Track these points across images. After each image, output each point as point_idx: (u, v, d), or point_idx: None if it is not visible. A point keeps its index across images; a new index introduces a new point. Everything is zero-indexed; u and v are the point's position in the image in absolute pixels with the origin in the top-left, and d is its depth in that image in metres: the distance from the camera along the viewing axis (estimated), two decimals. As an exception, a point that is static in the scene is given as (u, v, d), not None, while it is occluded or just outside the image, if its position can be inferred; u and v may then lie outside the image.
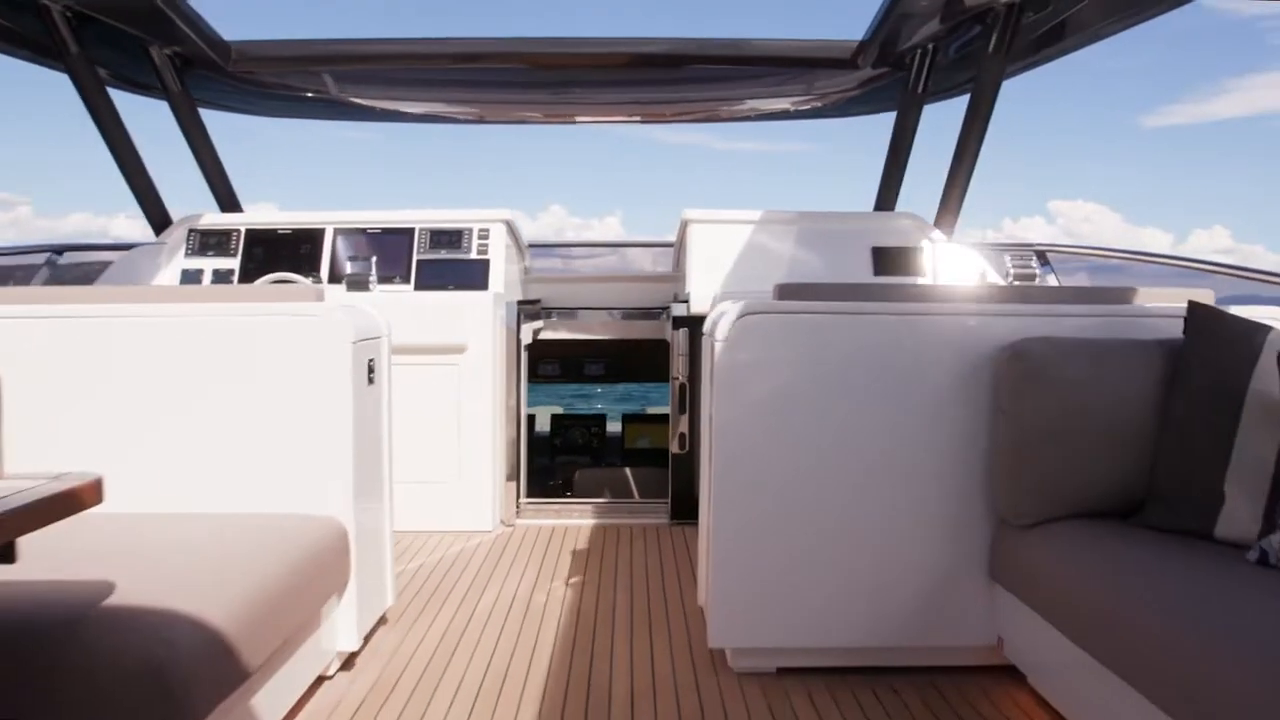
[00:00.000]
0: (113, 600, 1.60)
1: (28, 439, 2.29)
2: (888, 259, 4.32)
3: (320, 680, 2.38)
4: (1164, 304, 2.42)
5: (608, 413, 6.43)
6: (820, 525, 2.43)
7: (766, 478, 2.42)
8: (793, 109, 5.47)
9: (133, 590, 1.63)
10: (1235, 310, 2.35)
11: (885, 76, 4.57)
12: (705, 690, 2.39)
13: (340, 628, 2.40)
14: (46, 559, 1.68)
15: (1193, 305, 2.20)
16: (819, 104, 5.25)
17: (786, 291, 2.54)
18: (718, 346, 2.43)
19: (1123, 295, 2.52)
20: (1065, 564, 2.07)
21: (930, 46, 4.17)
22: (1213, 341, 2.11)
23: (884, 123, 4.97)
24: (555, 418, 6.18)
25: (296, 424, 2.35)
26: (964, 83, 4.37)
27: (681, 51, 4.38)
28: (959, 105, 4.26)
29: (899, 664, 2.48)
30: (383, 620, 2.80)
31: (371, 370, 2.54)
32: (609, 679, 2.45)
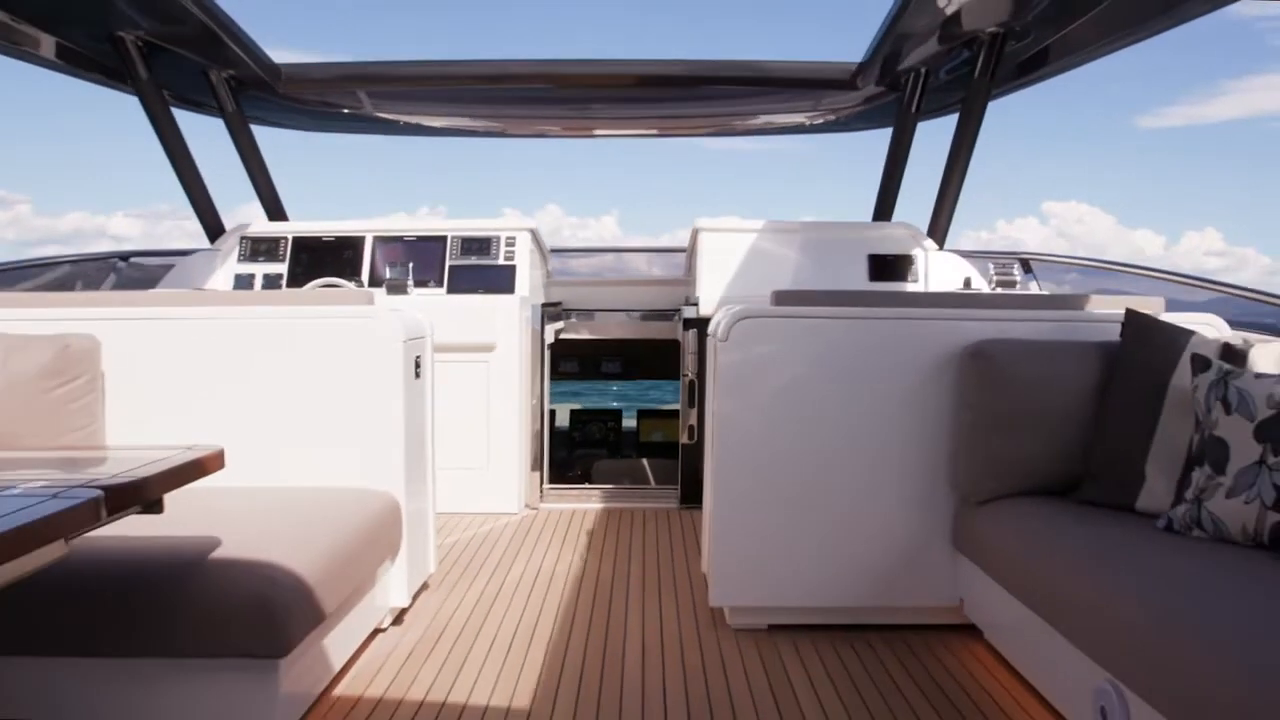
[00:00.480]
0: (225, 548, 1.98)
1: (133, 423, 2.69)
2: (883, 266, 4.66)
3: (376, 632, 2.77)
4: (1107, 310, 2.76)
5: (624, 408, 6.77)
6: (807, 500, 2.79)
7: (761, 459, 2.78)
8: (801, 124, 5.81)
9: (239, 542, 2.02)
10: (1169, 316, 2.69)
11: (884, 95, 4.91)
12: (706, 644, 2.75)
13: (393, 587, 2.78)
14: (170, 516, 2.05)
15: (1129, 312, 2.54)
16: (825, 119, 5.59)
17: (782, 297, 2.90)
18: (719, 346, 2.80)
19: (1074, 302, 2.86)
20: (1013, 534, 2.42)
21: (923, 69, 4.51)
22: (1144, 344, 2.45)
23: (880, 132, 5.31)
24: (574, 413, 6.53)
25: (357, 411, 2.73)
26: (955, 103, 4.70)
27: (693, 73, 4.74)
28: (954, 121, 4.60)
29: (874, 621, 2.84)
30: (425, 586, 3.18)
31: (418, 366, 2.92)
32: (623, 635, 2.81)
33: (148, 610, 1.88)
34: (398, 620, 2.89)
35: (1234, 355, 2.30)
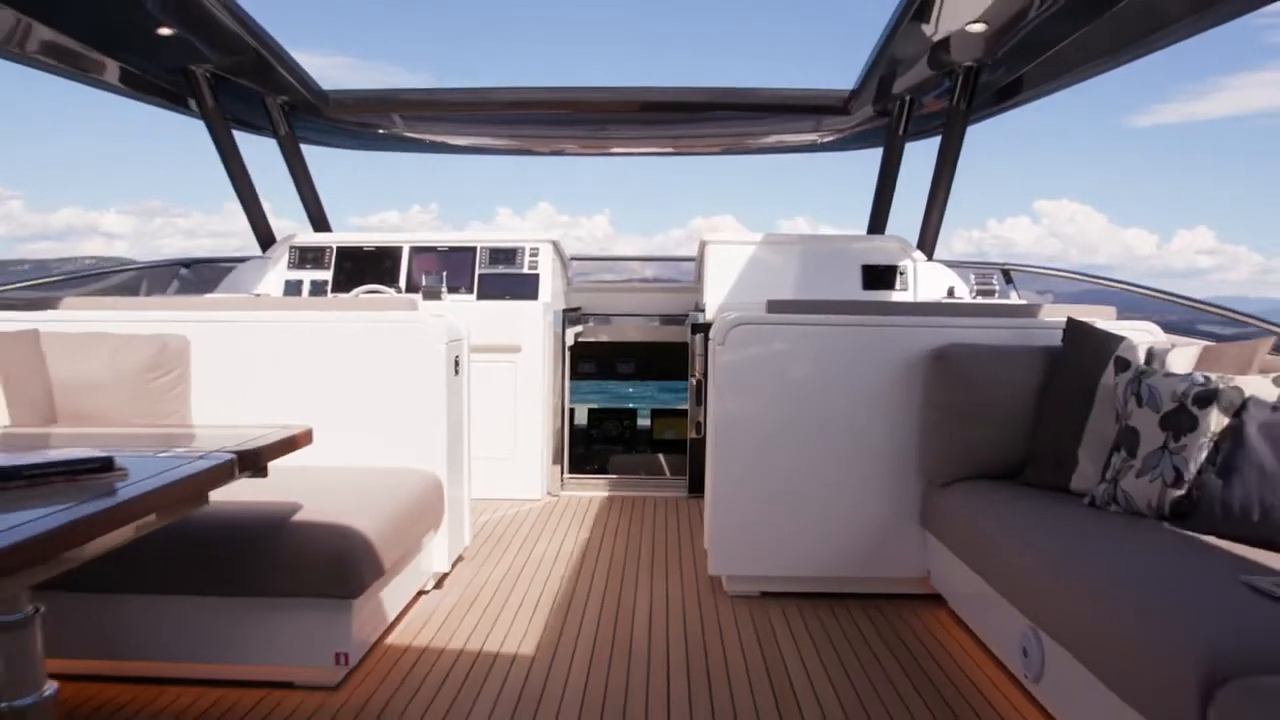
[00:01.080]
0: (305, 511, 2.40)
1: (213, 410, 3.11)
2: (875, 275, 5.04)
3: (420, 593, 3.18)
4: (1053, 318, 3.14)
5: (639, 408, 7.15)
6: (795, 483, 3.18)
7: (754, 447, 3.18)
8: (812, 142, 6.21)
9: (316, 508, 2.43)
10: (1113, 324, 3.06)
11: (876, 119, 5.30)
12: (705, 609, 3.14)
13: (435, 555, 3.19)
14: (253, 485, 2.46)
15: (1070, 321, 2.92)
16: (825, 139, 5.99)
17: (775, 306, 3.30)
18: (717, 349, 3.19)
19: (1027, 311, 3.24)
20: (967, 512, 2.80)
21: (907, 97, 4.90)
22: (1080, 349, 2.83)
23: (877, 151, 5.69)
24: (593, 411, 6.92)
25: (406, 402, 3.14)
26: (939, 126, 5.08)
27: (697, 100, 5.16)
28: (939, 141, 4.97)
29: (853, 590, 3.22)
30: (461, 558, 3.59)
31: (457, 365, 3.33)
32: (633, 601, 3.20)
33: (246, 558, 2.30)
34: (439, 584, 3.30)
35: (1155, 357, 2.68)
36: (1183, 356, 2.66)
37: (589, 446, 6.57)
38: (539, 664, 2.67)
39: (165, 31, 3.86)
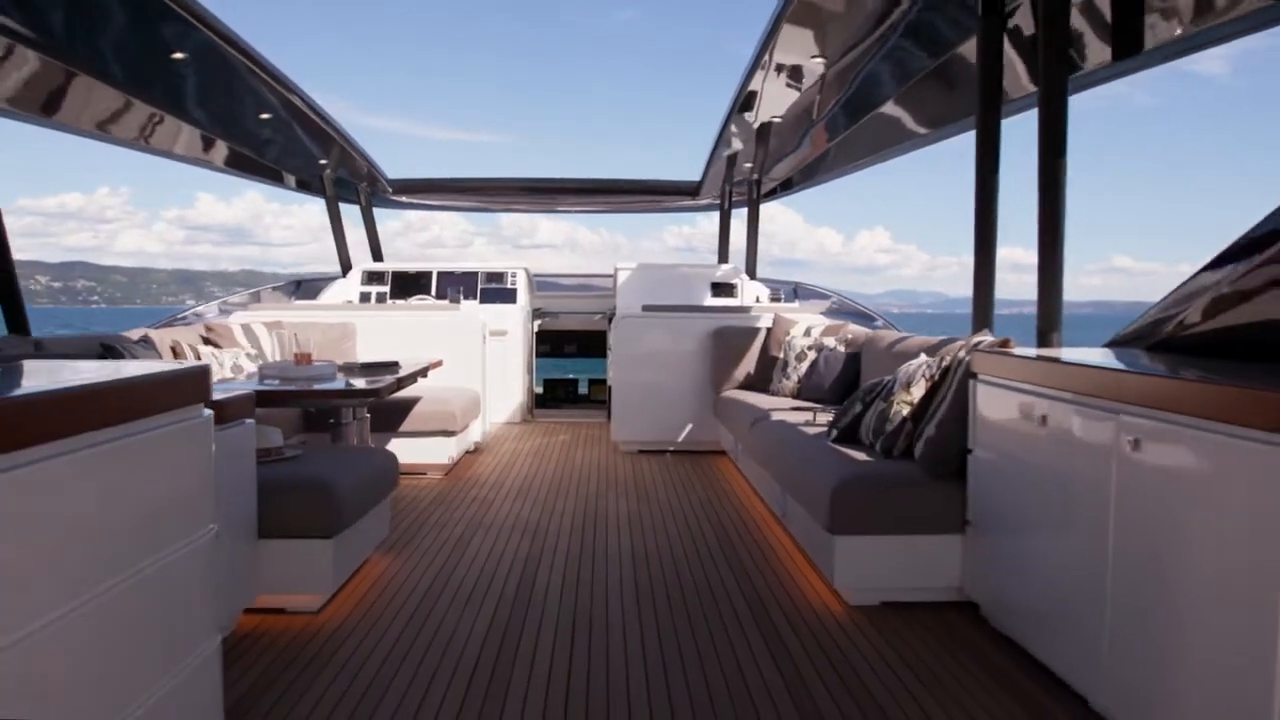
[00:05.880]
0: (428, 399, 5.21)
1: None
2: (718, 288, 7.96)
3: (466, 452, 5.99)
4: (770, 313, 6.07)
5: (579, 378, 9.95)
6: (654, 395, 6.06)
7: (632, 379, 6.05)
8: (685, 206, 9.13)
9: (436, 397, 5.24)
10: (810, 315, 6.02)
11: (714, 198, 8.26)
12: (609, 458, 5.99)
13: (474, 431, 6.00)
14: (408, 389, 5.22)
15: (776, 315, 5.86)
16: (693, 206, 8.93)
17: (647, 308, 6.18)
18: (612, 332, 6.07)
19: (764, 309, 6.18)
20: (728, 406, 5.70)
21: (728, 188, 7.88)
22: (777, 327, 5.77)
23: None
24: (547, 381, 9.72)
25: (461, 356, 5.94)
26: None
27: (617, 187, 8.06)
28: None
29: (683, 449, 6.12)
30: (479, 444, 6.39)
31: (485, 338, 6.14)
32: (574, 456, 6.04)
33: (408, 414, 5.10)
34: (475, 450, 6.12)
35: (811, 331, 5.62)
36: (818, 330, 5.62)
37: (545, 406, 9.37)
38: (529, 475, 5.48)
39: (322, 161, 6.60)
